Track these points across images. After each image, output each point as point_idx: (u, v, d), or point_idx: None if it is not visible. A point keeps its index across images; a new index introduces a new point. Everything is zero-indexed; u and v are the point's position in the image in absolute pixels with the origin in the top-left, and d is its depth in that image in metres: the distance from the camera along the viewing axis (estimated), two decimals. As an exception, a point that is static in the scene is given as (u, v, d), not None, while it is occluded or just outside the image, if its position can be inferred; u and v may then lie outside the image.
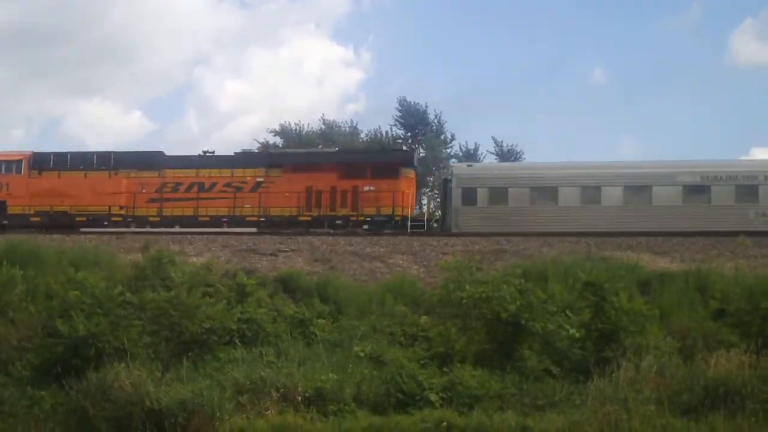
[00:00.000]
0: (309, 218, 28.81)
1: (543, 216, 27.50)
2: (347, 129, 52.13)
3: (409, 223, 28.10)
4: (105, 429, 13.98)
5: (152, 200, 30.26)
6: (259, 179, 29.77)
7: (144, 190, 30.29)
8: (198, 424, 13.57)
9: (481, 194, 28.34)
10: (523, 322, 15.51)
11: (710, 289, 17.97)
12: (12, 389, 15.10)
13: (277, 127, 50.78)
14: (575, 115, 79.04)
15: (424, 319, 17.48)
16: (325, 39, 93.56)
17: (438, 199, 39.29)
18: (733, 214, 26.49)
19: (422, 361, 15.62)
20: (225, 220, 29.20)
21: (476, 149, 49.90)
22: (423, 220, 29.31)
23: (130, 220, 29.85)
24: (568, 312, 16.33)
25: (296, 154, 31.57)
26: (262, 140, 50.20)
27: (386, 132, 50.58)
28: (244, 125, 79.19)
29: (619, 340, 15.17)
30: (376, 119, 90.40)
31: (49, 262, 19.61)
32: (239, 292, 18.36)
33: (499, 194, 28.27)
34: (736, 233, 23.40)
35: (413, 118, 50.88)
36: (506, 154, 49.01)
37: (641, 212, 27.05)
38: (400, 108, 51.17)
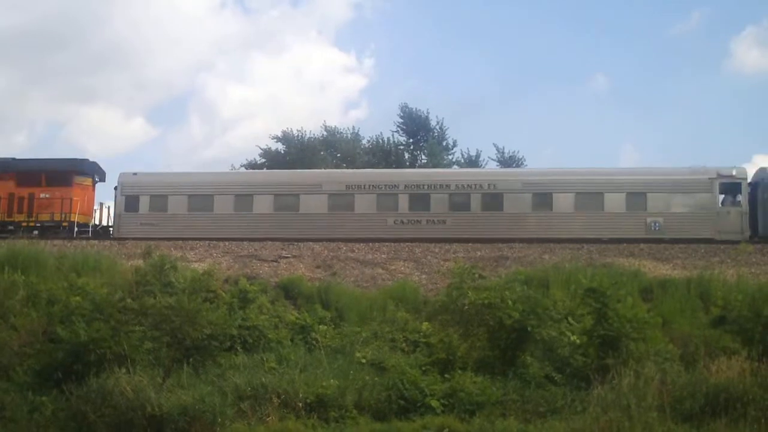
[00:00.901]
0: None
1: (199, 222, 28.58)
2: (349, 135, 52.18)
3: (75, 229, 29.59)
4: (105, 435, 13.94)
5: None
6: None
7: None
8: (199, 430, 13.53)
9: (143, 201, 29.55)
10: (530, 328, 15.48)
11: (712, 296, 17.99)
12: (13, 394, 15.02)
13: (280, 134, 50.89)
14: (577, 121, 79.24)
15: (425, 325, 17.45)
16: (327, 45, 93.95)
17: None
18: (375, 221, 27.83)
19: (424, 368, 15.55)
20: None
21: (478, 156, 49.85)
22: (89, 227, 30.93)
23: None
24: (570, 319, 16.31)
25: None
26: (264, 146, 50.39)
27: (388, 138, 50.74)
28: (247, 131, 79.47)
29: (621, 346, 15.13)
30: (378, 125, 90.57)
31: (50, 267, 19.69)
32: (241, 298, 18.40)
33: (159, 201, 29.45)
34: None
35: (415, 124, 50.87)
36: (508, 161, 48.90)
37: (290, 219, 28.19)
38: (401, 114, 51.28)
